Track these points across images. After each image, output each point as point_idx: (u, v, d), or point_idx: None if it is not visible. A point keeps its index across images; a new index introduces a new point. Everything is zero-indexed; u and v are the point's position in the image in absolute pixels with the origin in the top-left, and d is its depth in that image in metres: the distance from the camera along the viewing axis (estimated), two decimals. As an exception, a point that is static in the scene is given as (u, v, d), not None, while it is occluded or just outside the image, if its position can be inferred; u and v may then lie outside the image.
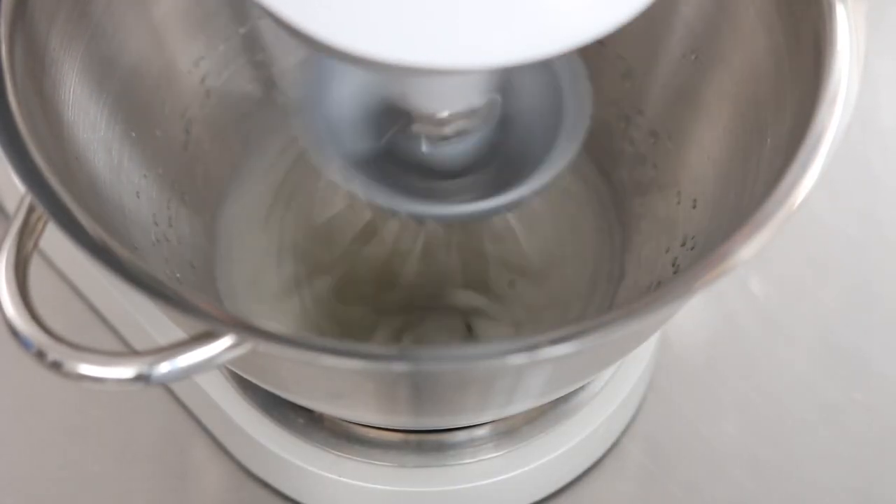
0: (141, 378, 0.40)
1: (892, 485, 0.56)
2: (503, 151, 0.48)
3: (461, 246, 0.54)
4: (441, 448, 0.53)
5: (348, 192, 0.48)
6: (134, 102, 0.54)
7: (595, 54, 0.54)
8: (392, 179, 0.47)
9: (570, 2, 0.37)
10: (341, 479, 0.53)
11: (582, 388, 0.54)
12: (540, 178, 0.47)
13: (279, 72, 0.59)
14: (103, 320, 0.59)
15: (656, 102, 0.56)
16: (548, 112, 0.48)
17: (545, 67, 0.48)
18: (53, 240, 0.43)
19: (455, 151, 0.47)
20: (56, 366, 0.40)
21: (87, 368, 0.40)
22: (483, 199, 0.47)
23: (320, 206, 0.56)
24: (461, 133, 0.46)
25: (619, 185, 0.57)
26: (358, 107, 0.47)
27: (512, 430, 0.53)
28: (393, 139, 0.47)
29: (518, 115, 0.48)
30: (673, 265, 0.53)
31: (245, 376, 0.50)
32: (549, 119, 0.48)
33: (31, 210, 0.43)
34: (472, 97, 0.45)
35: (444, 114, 0.45)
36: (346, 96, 0.47)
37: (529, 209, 0.53)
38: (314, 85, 0.47)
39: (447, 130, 0.46)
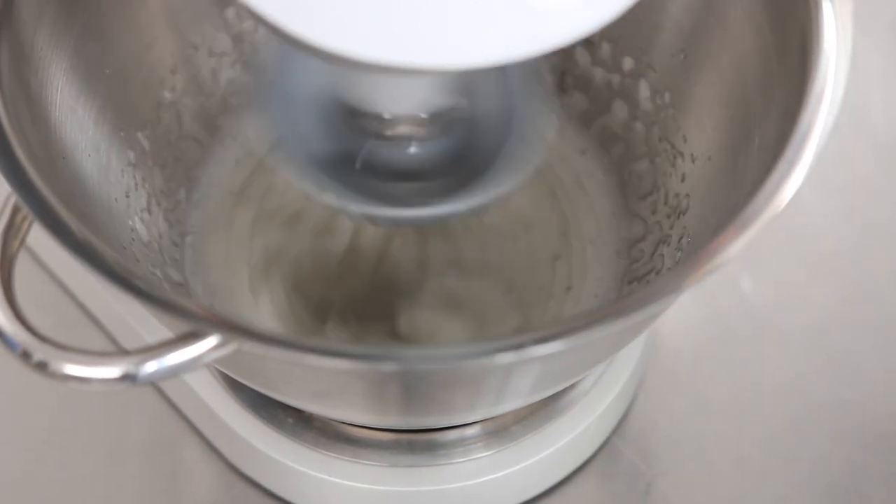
0: (127, 378, 0.40)
1: (882, 485, 0.56)
2: (468, 153, 0.48)
3: (426, 244, 0.54)
4: (431, 447, 0.53)
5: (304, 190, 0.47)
6: (122, 102, 0.54)
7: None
8: (353, 181, 0.47)
9: (552, 1, 0.37)
10: (331, 478, 0.53)
11: (571, 387, 0.54)
12: (501, 184, 0.47)
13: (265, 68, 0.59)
14: (93, 320, 0.59)
15: (644, 101, 0.56)
16: (511, 113, 0.48)
17: (505, 73, 0.48)
18: (42, 239, 0.43)
19: (420, 153, 0.47)
20: (41, 366, 0.40)
21: (72, 368, 0.40)
22: (442, 203, 0.47)
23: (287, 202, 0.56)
24: (421, 135, 0.46)
25: (615, 182, 0.57)
26: (320, 106, 0.47)
27: (502, 430, 0.53)
28: (356, 140, 0.47)
29: (481, 117, 0.48)
30: (663, 263, 0.53)
31: (233, 376, 0.50)
32: (513, 120, 0.48)
33: (16, 210, 0.43)
34: (434, 100, 0.45)
35: (407, 115, 0.45)
36: (309, 95, 0.47)
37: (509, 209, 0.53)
38: (277, 82, 0.47)
39: (407, 132, 0.46)
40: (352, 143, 0.47)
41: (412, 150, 0.47)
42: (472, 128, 0.47)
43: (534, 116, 0.48)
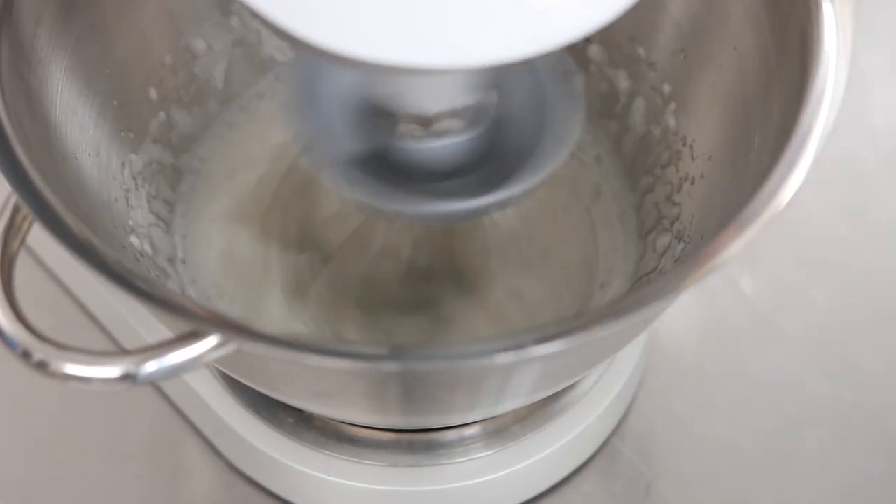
0: (127, 377, 0.40)
1: (882, 483, 0.56)
2: (497, 150, 0.48)
3: (448, 243, 0.54)
4: (431, 447, 0.53)
5: (338, 192, 0.47)
6: (122, 102, 0.54)
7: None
8: (383, 179, 0.47)
9: (552, 1, 0.37)
10: (331, 478, 0.53)
11: (571, 387, 0.54)
12: (532, 177, 0.47)
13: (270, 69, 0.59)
14: (93, 319, 0.59)
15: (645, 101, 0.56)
16: (540, 110, 0.48)
17: (535, 66, 0.48)
18: (42, 239, 0.43)
19: (447, 151, 0.47)
20: (42, 366, 0.40)
21: (73, 368, 0.40)
22: (474, 198, 0.47)
23: (310, 205, 0.56)
24: (447, 133, 0.46)
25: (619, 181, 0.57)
26: (348, 107, 0.47)
27: (502, 429, 0.53)
28: (383, 139, 0.47)
29: (510, 115, 0.48)
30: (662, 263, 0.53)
31: (233, 376, 0.50)
32: (541, 117, 0.48)
33: (16, 210, 0.43)
34: (456, 97, 0.45)
35: (430, 113, 0.45)
36: (336, 96, 0.47)
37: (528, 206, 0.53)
38: (305, 85, 0.47)
39: (434, 129, 0.46)
40: (381, 140, 0.47)
41: (442, 146, 0.47)
42: (501, 124, 0.47)
43: (563, 112, 0.48)
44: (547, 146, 0.47)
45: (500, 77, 0.47)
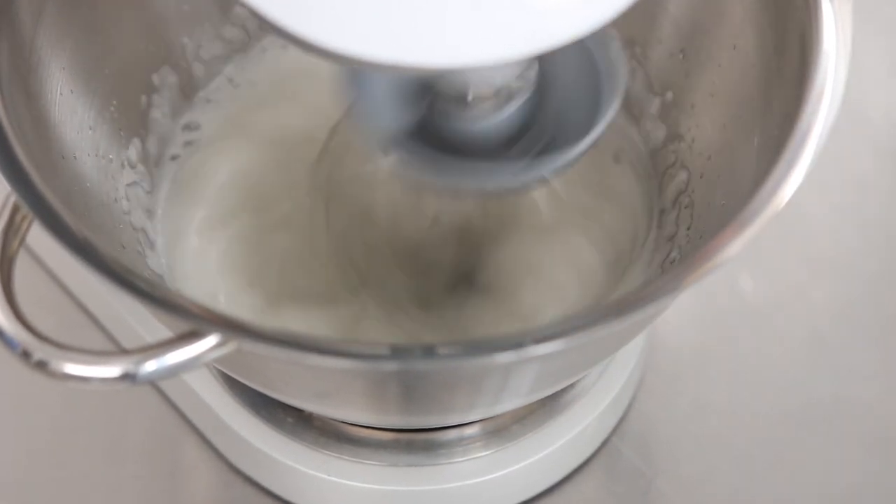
0: (127, 377, 0.40)
1: (882, 483, 0.56)
2: (538, 122, 0.47)
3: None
4: (431, 447, 0.53)
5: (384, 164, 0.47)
6: (121, 102, 0.54)
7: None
8: (428, 152, 0.47)
9: (551, 1, 0.37)
10: (331, 478, 0.53)
11: (571, 386, 0.54)
12: (576, 147, 0.46)
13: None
14: (92, 319, 0.59)
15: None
16: (582, 80, 0.47)
17: (582, 44, 0.47)
18: (42, 239, 0.43)
19: (487, 126, 0.46)
20: (41, 365, 0.40)
21: (72, 368, 0.40)
22: (519, 172, 0.46)
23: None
24: (486, 109, 0.46)
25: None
26: (395, 82, 0.47)
27: (501, 429, 0.53)
28: (428, 114, 0.46)
29: (553, 81, 0.47)
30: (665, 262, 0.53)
31: (233, 375, 0.50)
32: (584, 88, 0.47)
33: (15, 209, 0.43)
34: (493, 78, 0.45)
35: (466, 93, 0.45)
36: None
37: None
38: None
39: (471, 106, 0.45)
40: (424, 113, 0.47)
41: (481, 121, 0.46)
42: (544, 90, 0.47)
43: (604, 79, 0.47)
44: (588, 114, 0.47)
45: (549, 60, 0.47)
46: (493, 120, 0.46)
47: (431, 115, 0.46)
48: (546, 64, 0.46)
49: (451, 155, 0.47)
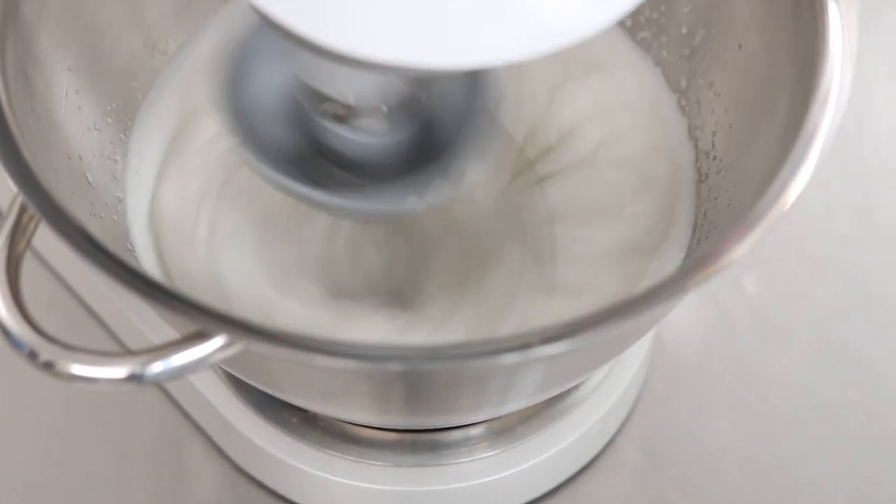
0: (133, 378, 0.40)
1: (887, 484, 0.56)
2: (428, 149, 0.47)
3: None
4: (436, 447, 0.53)
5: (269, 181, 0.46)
6: (127, 102, 0.54)
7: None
8: (312, 172, 0.47)
9: (555, 4, 0.37)
10: (335, 478, 0.53)
11: (576, 387, 0.54)
12: (462, 180, 0.46)
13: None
14: (98, 320, 0.59)
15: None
16: (464, 116, 0.47)
17: (471, 76, 0.47)
18: (48, 240, 0.43)
19: (368, 146, 0.46)
20: (48, 366, 0.40)
21: (79, 368, 0.40)
22: (402, 198, 0.46)
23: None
24: (369, 128, 0.46)
25: None
26: (276, 97, 0.47)
27: (506, 429, 0.53)
28: (316, 131, 0.46)
29: (439, 118, 0.47)
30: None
31: (239, 376, 0.50)
32: (470, 119, 0.47)
33: (22, 210, 0.43)
34: (375, 93, 0.45)
35: (350, 103, 0.45)
36: (266, 84, 0.47)
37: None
38: (234, 72, 0.47)
39: (356, 123, 0.45)
40: (314, 135, 0.47)
41: (372, 140, 0.46)
42: (432, 121, 0.47)
43: (489, 113, 0.47)
44: (478, 143, 0.47)
45: (431, 81, 0.47)
46: (371, 143, 0.46)
47: (310, 131, 0.46)
48: (439, 98, 0.47)
49: (332, 177, 0.47)
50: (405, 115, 0.46)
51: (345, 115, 0.46)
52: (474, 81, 0.47)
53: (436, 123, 0.47)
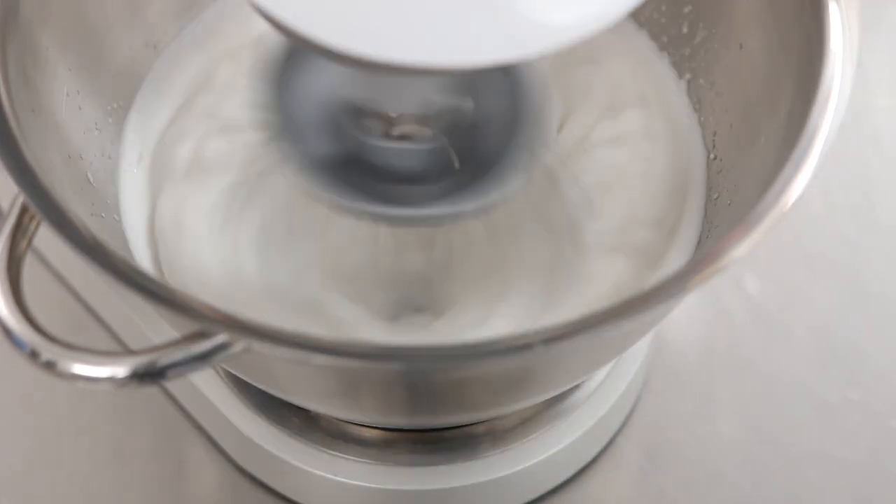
0: (134, 378, 0.40)
1: (887, 484, 0.56)
2: (469, 158, 0.47)
3: None
4: (437, 447, 0.53)
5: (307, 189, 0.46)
6: (128, 102, 0.54)
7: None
8: (355, 181, 0.47)
9: (554, 4, 0.37)
10: (336, 478, 0.53)
11: (577, 387, 0.54)
12: (504, 187, 0.47)
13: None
14: (99, 320, 0.59)
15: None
16: (511, 121, 0.47)
17: (510, 76, 0.47)
18: (49, 240, 0.43)
19: (412, 155, 0.47)
20: (49, 365, 0.41)
21: (80, 368, 0.40)
22: (443, 205, 0.46)
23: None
24: (411, 136, 0.46)
25: None
26: (320, 103, 0.47)
27: (508, 429, 0.53)
28: (358, 141, 0.47)
29: (484, 125, 0.48)
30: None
31: (239, 375, 0.50)
32: (512, 128, 0.47)
33: (23, 210, 0.43)
34: (418, 101, 0.45)
35: (392, 114, 0.45)
36: (312, 94, 0.47)
37: None
38: (279, 82, 0.47)
39: (397, 131, 0.46)
40: (354, 142, 0.47)
41: (414, 150, 0.47)
42: (475, 130, 0.47)
43: (535, 120, 0.47)
44: (521, 152, 0.47)
45: (474, 87, 0.47)
46: (414, 151, 0.46)
47: (353, 140, 0.46)
48: (482, 104, 0.47)
49: (373, 183, 0.47)
50: (447, 123, 0.46)
51: (386, 126, 0.46)
52: (517, 87, 0.47)
53: (480, 129, 0.47)
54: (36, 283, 0.50)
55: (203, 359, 0.40)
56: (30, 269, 0.44)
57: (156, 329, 0.55)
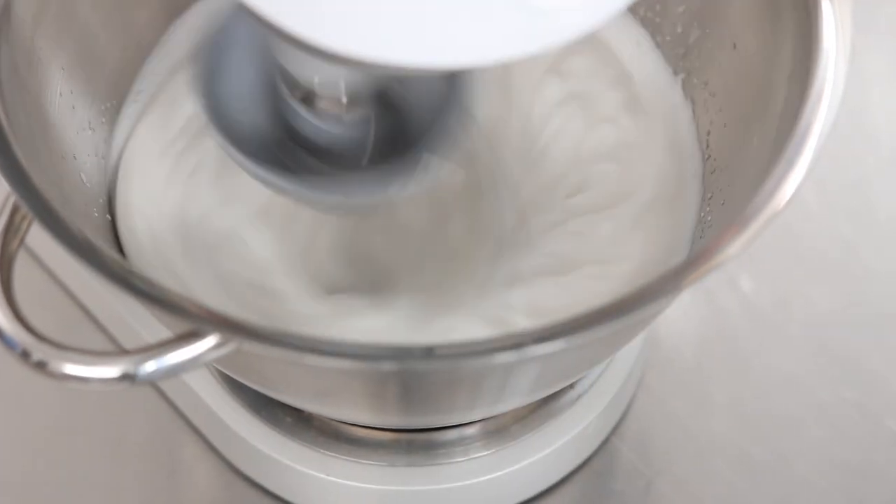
0: (126, 377, 0.40)
1: (881, 483, 0.56)
2: (398, 138, 0.47)
3: None
4: (430, 447, 0.53)
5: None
6: (121, 102, 0.54)
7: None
8: (289, 162, 0.46)
9: (547, 3, 0.37)
10: (330, 478, 0.53)
11: (571, 386, 0.54)
12: (431, 170, 0.46)
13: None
14: (92, 319, 0.59)
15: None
16: (441, 102, 0.47)
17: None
18: (41, 239, 0.43)
19: (344, 134, 0.46)
20: (41, 365, 0.40)
21: (72, 368, 0.40)
22: (369, 186, 0.46)
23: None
24: (332, 111, 0.45)
25: None
26: (249, 85, 0.47)
27: (501, 429, 0.53)
28: (286, 115, 0.46)
29: (412, 103, 0.47)
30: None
31: (232, 375, 0.50)
32: (442, 109, 0.47)
33: (15, 209, 0.43)
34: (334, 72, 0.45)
35: (310, 81, 0.44)
36: (239, 73, 0.47)
37: None
38: (208, 62, 0.47)
39: (319, 105, 0.45)
40: (286, 119, 0.46)
41: (340, 128, 0.46)
42: (405, 111, 0.47)
43: (461, 104, 0.47)
44: (450, 134, 0.46)
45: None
46: (342, 128, 0.46)
47: (281, 115, 0.46)
48: (408, 85, 0.47)
49: (315, 168, 0.46)
50: (374, 105, 0.46)
51: (314, 100, 0.45)
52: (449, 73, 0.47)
53: (409, 113, 0.47)
54: (28, 282, 0.50)
55: (195, 358, 0.40)
56: (22, 268, 0.44)
57: (148, 328, 0.55)
